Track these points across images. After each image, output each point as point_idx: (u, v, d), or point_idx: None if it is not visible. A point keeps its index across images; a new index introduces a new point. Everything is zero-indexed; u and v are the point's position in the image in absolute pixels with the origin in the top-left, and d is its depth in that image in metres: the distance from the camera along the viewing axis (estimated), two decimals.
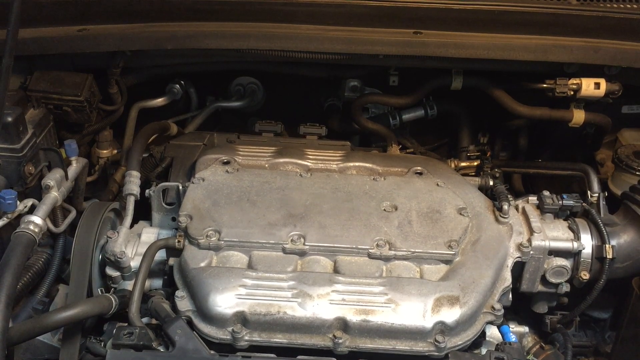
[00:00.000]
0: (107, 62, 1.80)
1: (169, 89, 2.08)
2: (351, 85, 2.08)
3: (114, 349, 1.24)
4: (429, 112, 2.05)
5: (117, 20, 1.69)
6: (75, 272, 1.44)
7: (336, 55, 1.68)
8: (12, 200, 1.40)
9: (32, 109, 1.66)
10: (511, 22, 1.66)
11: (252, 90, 2.16)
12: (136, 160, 1.64)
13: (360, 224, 1.43)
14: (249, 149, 1.69)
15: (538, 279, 1.53)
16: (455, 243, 1.40)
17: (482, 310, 1.34)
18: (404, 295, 1.29)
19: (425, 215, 1.47)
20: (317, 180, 1.58)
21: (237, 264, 1.37)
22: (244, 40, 1.66)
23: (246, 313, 1.26)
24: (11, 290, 1.18)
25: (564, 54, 1.66)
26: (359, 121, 1.98)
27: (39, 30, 1.66)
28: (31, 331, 1.27)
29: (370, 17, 1.67)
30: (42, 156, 1.59)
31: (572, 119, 1.87)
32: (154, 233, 1.57)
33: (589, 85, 1.76)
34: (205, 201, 1.48)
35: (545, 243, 1.49)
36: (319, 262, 1.38)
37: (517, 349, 1.31)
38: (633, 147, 1.82)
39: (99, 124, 1.91)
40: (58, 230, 1.55)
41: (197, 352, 1.23)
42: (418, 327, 1.26)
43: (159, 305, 1.35)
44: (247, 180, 1.56)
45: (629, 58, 1.65)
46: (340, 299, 1.28)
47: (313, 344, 1.27)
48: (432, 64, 1.79)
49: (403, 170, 1.65)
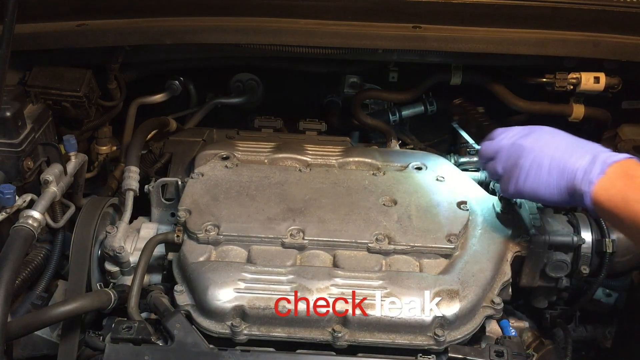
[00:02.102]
0: (106, 57, 1.80)
1: (168, 85, 2.08)
2: (351, 81, 2.08)
3: (112, 343, 1.24)
4: (429, 108, 2.05)
5: (117, 15, 1.68)
6: (74, 267, 1.44)
7: (335, 50, 1.68)
8: (11, 195, 1.40)
9: (30, 105, 1.66)
10: (510, 16, 1.66)
11: (251, 86, 2.16)
12: (135, 156, 1.64)
13: (359, 219, 1.43)
14: (248, 145, 1.69)
15: (538, 273, 1.52)
16: (454, 237, 1.39)
17: (482, 304, 1.34)
18: (403, 289, 1.29)
19: (425, 210, 1.47)
20: (316, 175, 1.58)
21: (236, 258, 1.37)
22: (243, 35, 1.66)
23: (245, 307, 1.26)
24: (10, 284, 1.18)
25: (564, 48, 1.66)
26: (359, 117, 1.98)
27: (38, 25, 1.66)
28: (30, 325, 1.27)
29: (369, 11, 1.67)
30: (41, 151, 1.59)
31: (571, 113, 1.87)
32: (153, 228, 1.57)
33: (589, 79, 1.76)
34: (204, 196, 1.48)
35: (545, 237, 1.48)
36: (318, 257, 1.38)
37: (517, 343, 1.31)
38: (633, 142, 1.82)
39: (98, 120, 1.91)
40: (57, 225, 1.55)
41: (196, 346, 1.23)
42: (417, 320, 1.26)
43: (158, 299, 1.35)
44: (246, 175, 1.55)
45: (629, 52, 1.64)
46: (339, 292, 1.28)
47: (312, 338, 1.27)
48: (431, 58, 1.79)
49: (403, 165, 1.65)
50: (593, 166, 1.20)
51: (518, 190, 1.31)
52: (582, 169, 1.21)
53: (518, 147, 1.31)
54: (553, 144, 1.27)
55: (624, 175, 1.18)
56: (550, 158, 1.25)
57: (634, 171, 1.18)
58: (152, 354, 1.21)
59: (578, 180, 1.21)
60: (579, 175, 1.21)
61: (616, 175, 1.19)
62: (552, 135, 1.31)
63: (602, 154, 1.22)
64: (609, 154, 1.23)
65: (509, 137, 1.35)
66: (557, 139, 1.29)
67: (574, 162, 1.23)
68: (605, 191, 1.18)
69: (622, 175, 1.18)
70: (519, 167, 1.29)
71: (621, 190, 1.16)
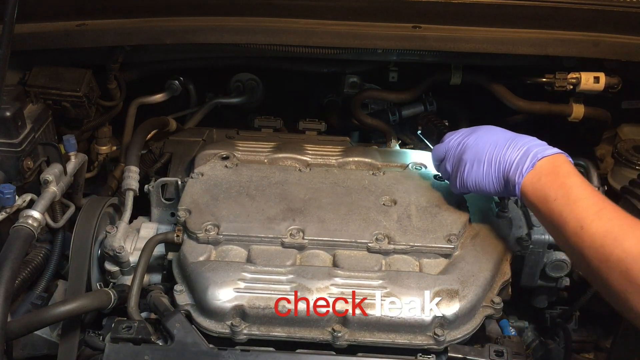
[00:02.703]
0: (106, 57, 1.80)
1: (168, 85, 2.08)
2: (350, 81, 2.08)
3: (112, 342, 1.24)
4: (429, 107, 2.05)
5: (116, 15, 1.69)
6: (73, 267, 1.44)
7: (335, 50, 1.68)
8: (11, 195, 1.40)
9: (30, 104, 1.66)
10: (510, 16, 1.66)
11: (251, 86, 2.16)
12: (135, 156, 1.64)
13: (359, 218, 1.43)
14: (248, 144, 1.68)
15: (538, 273, 1.53)
16: (454, 237, 1.39)
17: (482, 304, 1.34)
18: (403, 289, 1.29)
19: (425, 210, 1.47)
20: (316, 174, 1.58)
21: (236, 258, 1.36)
22: (243, 35, 1.66)
23: (245, 307, 1.26)
24: (10, 284, 1.18)
25: (563, 48, 1.66)
26: (359, 117, 1.98)
27: (38, 25, 1.66)
28: (30, 325, 1.27)
29: (369, 11, 1.67)
30: (41, 151, 1.59)
31: (571, 113, 1.87)
32: (153, 228, 1.57)
33: (589, 79, 1.76)
34: (204, 196, 1.48)
35: (545, 237, 1.48)
36: (318, 256, 1.38)
37: (517, 343, 1.31)
38: (633, 142, 1.82)
39: (98, 120, 1.91)
40: (57, 225, 1.55)
41: (195, 345, 1.23)
42: (417, 320, 1.26)
43: (157, 299, 1.35)
44: (246, 175, 1.55)
45: (629, 52, 1.64)
46: (339, 292, 1.28)
47: (312, 337, 1.26)
48: (431, 58, 1.79)
49: (402, 165, 1.65)
50: (525, 159, 1.28)
51: (462, 183, 1.40)
52: (516, 162, 1.29)
53: (462, 145, 1.40)
54: (492, 140, 1.35)
55: (550, 171, 1.25)
56: (489, 153, 1.34)
57: (559, 168, 1.25)
58: (152, 353, 1.21)
59: (512, 173, 1.29)
60: (513, 168, 1.29)
61: (543, 170, 1.26)
62: (492, 132, 1.39)
63: (535, 148, 1.29)
64: (541, 147, 1.30)
65: (455, 139, 1.44)
66: (495, 135, 1.37)
67: (509, 155, 1.31)
68: (531, 185, 1.26)
69: (549, 172, 1.25)
70: (462, 163, 1.38)
71: (544, 186, 1.24)
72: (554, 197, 1.21)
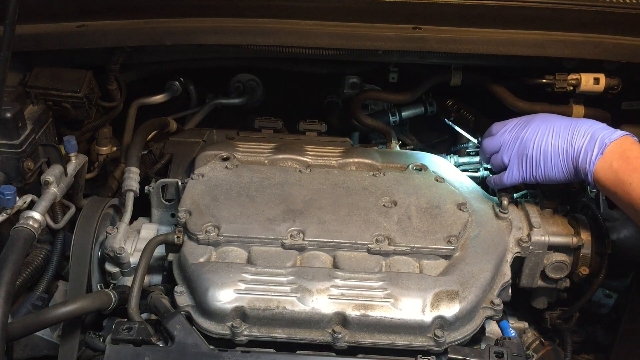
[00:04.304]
0: (106, 58, 1.80)
1: (168, 86, 2.08)
2: (351, 82, 2.08)
3: (113, 343, 1.24)
4: (429, 108, 2.05)
5: (117, 16, 1.68)
6: (74, 268, 1.44)
7: (335, 51, 1.68)
8: (11, 196, 1.40)
9: (31, 105, 1.66)
10: (510, 17, 1.66)
11: (251, 87, 2.15)
12: (135, 157, 1.64)
13: (359, 220, 1.43)
14: (248, 145, 1.69)
15: (538, 274, 1.53)
16: (454, 238, 1.39)
17: (482, 305, 1.34)
18: (403, 290, 1.29)
19: (425, 211, 1.47)
20: (316, 176, 1.58)
21: (237, 259, 1.37)
22: (243, 36, 1.65)
23: (245, 308, 1.26)
24: (10, 285, 1.18)
25: (564, 49, 1.66)
26: (359, 118, 1.98)
27: (38, 26, 1.66)
28: (30, 326, 1.27)
29: (369, 12, 1.67)
30: (41, 152, 1.59)
31: (571, 114, 1.86)
32: (153, 229, 1.58)
33: (589, 80, 1.76)
34: (204, 197, 1.48)
35: (545, 238, 1.49)
36: (318, 258, 1.38)
37: (517, 344, 1.31)
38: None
39: (98, 121, 1.91)
40: (57, 226, 1.55)
41: (196, 346, 1.23)
42: (417, 321, 1.26)
43: (158, 300, 1.36)
44: (247, 176, 1.55)
45: (629, 53, 1.64)
46: (339, 293, 1.29)
47: (312, 339, 1.27)
48: (431, 59, 1.79)
49: (402, 166, 1.65)
50: (593, 146, 1.31)
51: (530, 176, 1.43)
52: (584, 149, 1.33)
53: (522, 139, 1.42)
54: (552, 129, 1.38)
55: (620, 156, 1.29)
56: (553, 144, 1.37)
57: (629, 152, 1.29)
58: (152, 354, 1.21)
59: (581, 161, 1.33)
60: (582, 156, 1.33)
61: (613, 155, 1.29)
62: (548, 120, 1.42)
63: (601, 132, 1.32)
64: (607, 131, 1.32)
65: (509, 131, 1.46)
66: (553, 124, 1.40)
67: (575, 143, 1.34)
68: (603, 171, 1.30)
69: (619, 156, 1.29)
70: (526, 157, 1.41)
71: (617, 171, 1.27)
72: (629, 181, 1.25)
